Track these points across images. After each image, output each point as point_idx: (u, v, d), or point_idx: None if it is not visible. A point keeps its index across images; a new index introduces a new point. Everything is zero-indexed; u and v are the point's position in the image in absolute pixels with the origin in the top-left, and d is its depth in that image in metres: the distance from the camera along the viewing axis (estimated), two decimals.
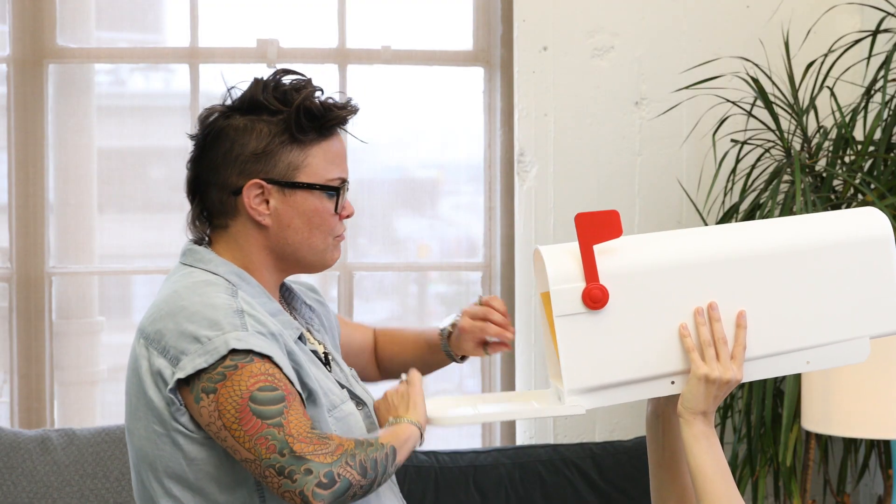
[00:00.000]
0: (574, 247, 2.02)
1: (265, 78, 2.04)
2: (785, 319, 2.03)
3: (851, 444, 3.55)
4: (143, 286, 3.87)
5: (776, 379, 3.37)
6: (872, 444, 3.52)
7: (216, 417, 1.88)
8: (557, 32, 3.73)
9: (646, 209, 3.76)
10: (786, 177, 3.46)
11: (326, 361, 2.11)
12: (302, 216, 2.04)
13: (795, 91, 3.50)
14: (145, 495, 2.00)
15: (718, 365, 1.99)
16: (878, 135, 3.47)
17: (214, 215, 2.06)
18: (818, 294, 2.03)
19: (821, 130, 3.54)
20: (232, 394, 1.87)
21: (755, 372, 2.04)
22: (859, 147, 3.44)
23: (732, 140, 3.61)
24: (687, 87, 3.62)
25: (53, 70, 3.72)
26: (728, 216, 3.50)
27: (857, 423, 2.93)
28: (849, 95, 3.68)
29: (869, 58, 3.48)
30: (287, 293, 2.17)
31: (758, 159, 3.55)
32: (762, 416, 3.35)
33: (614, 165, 3.75)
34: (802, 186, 3.22)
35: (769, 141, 3.56)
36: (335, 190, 2.05)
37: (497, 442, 3.79)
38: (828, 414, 2.97)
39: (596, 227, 1.99)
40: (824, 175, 3.43)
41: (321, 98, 2.04)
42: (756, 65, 3.60)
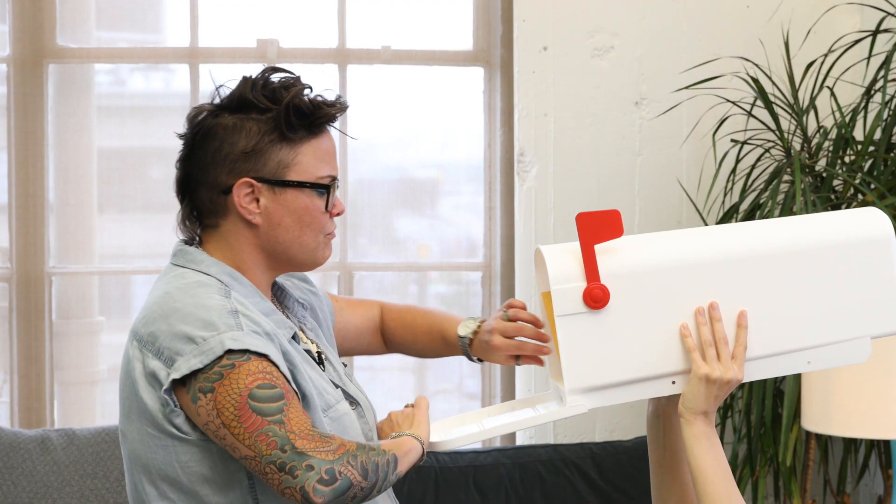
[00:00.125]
0: (575, 246, 2.02)
1: (254, 76, 2.02)
2: (786, 319, 2.02)
3: (851, 444, 3.55)
4: (143, 286, 3.86)
5: (776, 379, 3.37)
6: (872, 444, 3.52)
7: (214, 416, 1.87)
8: (557, 32, 3.73)
9: (646, 209, 3.76)
10: (786, 177, 3.46)
11: (320, 361, 2.10)
12: (292, 214, 2.02)
13: (795, 91, 3.50)
14: (139, 498, 2.00)
15: (719, 365, 1.99)
16: (878, 135, 3.47)
17: (205, 215, 2.04)
18: (819, 294, 2.03)
19: (821, 130, 3.54)
20: (230, 392, 1.86)
21: (756, 372, 2.03)
22: (859, 147, 3.44)
23: (732, 140, 3.61)
24: (687, 87, 3.62)
25: (53, 70, 3.72)
26: (728, 216, 3.50)
27: (857, 423, 2.93)
28: (849, 95, 3.68)
29: (869, 58, 3.48)
30: (279, 292, 2.16)
31: (758, 159, 3.55)
32: (762, 416, 3.35)
33: (614, 165, 3.75)
34: (802, 186, 3.22)
35: (769, 141, 3.56)
36: (325, 188, 2.03)
37: (497, 442, 3.79)
38: (828, 414, 2.97)
39: (597, 227, 1.99)
40: (824, 175, 3.43)
41: (310, 96, 2.02)
42: (756, 65, 3.60)
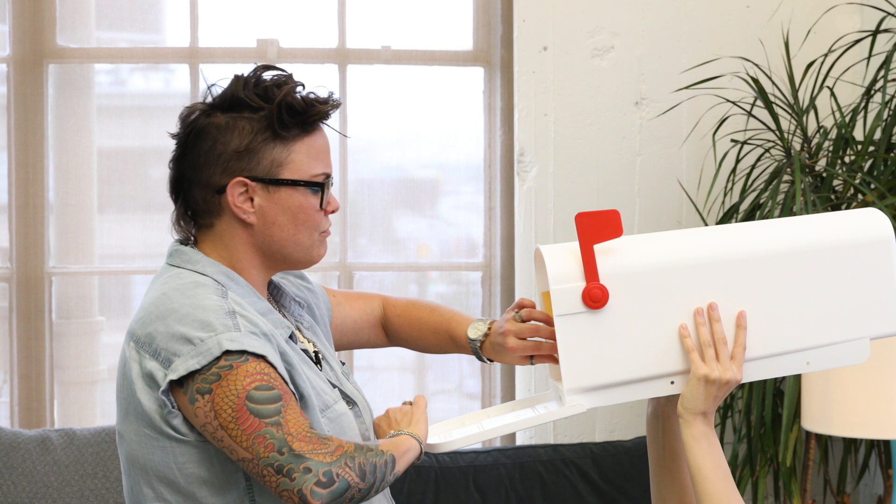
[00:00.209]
0: (575, 246, 2.02)
1: (245, 74, 2.02)
2: (785, 320, 2.02)
3: (851, 444, 3.55)
4: (143, 286, 3.86)
5: (776, 379, 3.37)
6: (872, 444, 3.52)
7: (212, 418, 1.86)
8: (557, 32, 3.73)
9: (646, 209, 3.76)
10: (786, 177, 3.46)
11: (317, 360, 2.10)
12: (287, 213, 2.01)
13: (795, 91, 3.50)
14: (136, 499, 1.99)
15: (718, 365, 1.99)
16: (878, 135, 3.47)
17: (199, 214, 2.04)
18: (818, 295, 2.03)
19: (821, 130, 3.54)
20: (228, 393, 1.86)
21: (755, 372, 2.03)
22: (859, 147, 3.44)
23: (732, 140, 3.61)
24: (687, 87, 3.62)
25: (53, 70, 3.72)
26: (728, 216, 3.50)
27: (857, 423, 2.93)
28: (849, 95, 3.68)
29: (869, 58, 3.48)
30: (275, 291, 2.15)
31: (758, 159, 3.55)
32: (762, 416, 3.35)
33: (614, 165, 3.75)
34: (802, 186, 3.22)
35: (769, 141, 3.56)
36: (319, 186, 2.03)
37: (497, 442, 3.79)
38: (828, 414, 2.97)
39: (596, 227, 1.99)
40: (824, 175, 3.43)
41: (303, 93, 2.01)
42: (756, 65, 3.60)
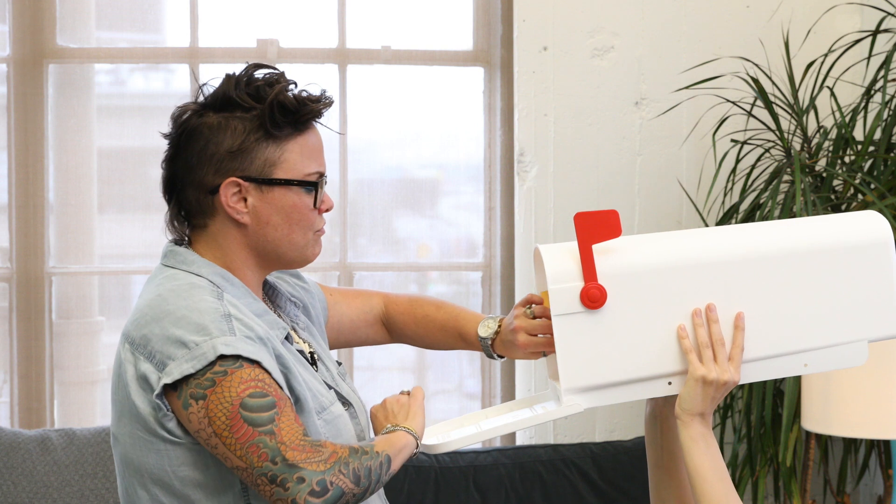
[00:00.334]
0: (573, 246, 2.02)
1: (237, 74, 2.00)
2: (783, 322, 2.02)
3: (851, 444, 3.55)
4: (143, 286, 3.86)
5: (776, 379, 3.36)
6: (872, 444, 3.52)
7: (206, 424, 1.86)
8: (557, 32, 3.73)
9: (646, 209, 3.76)
10: (786, 177, 3.46)
11: (313, 361, 2.09)
12: (281, 213, 2.00)
13: (795, 91, 3.49)
14: (131, 501, 1.98)
15: (716, 366, 1.99)
16: (878, 135, 3.47)
17: (193, 215, 2.02)
18: (817, 297, 2.03)
19: (821, 130, 3.54)
20: (222, 400, 1.85)
21: (753, 374, 2.03)
22: (859, 147, 3.43)
23: (732, 140, 3.61)
24: (687, 87, 3.62)
25: (53, 70, 3.72)
26: (728, 216, 3.50)
27: (857, 423, 2.93)
28: (849, 95, 3.68)
29: (869, 58, 3.48)
30: (271, 291, 2.14)
31: (758, 159, 3.55)
32: (762, 417, 3.35)
33: (614, 165, 3.75)
34: (802, 186, 3.22)
35: (769, 141, 3.56)
36: (313, 185, 2.02)
37: (497, 442, 3.79)
38: (828, 414, 2.97)
39: (595, 227, 1.99)
40: (824, 175, 3.43)
41: (294, 92, 2.00)
42: (756, 65, 3.60)
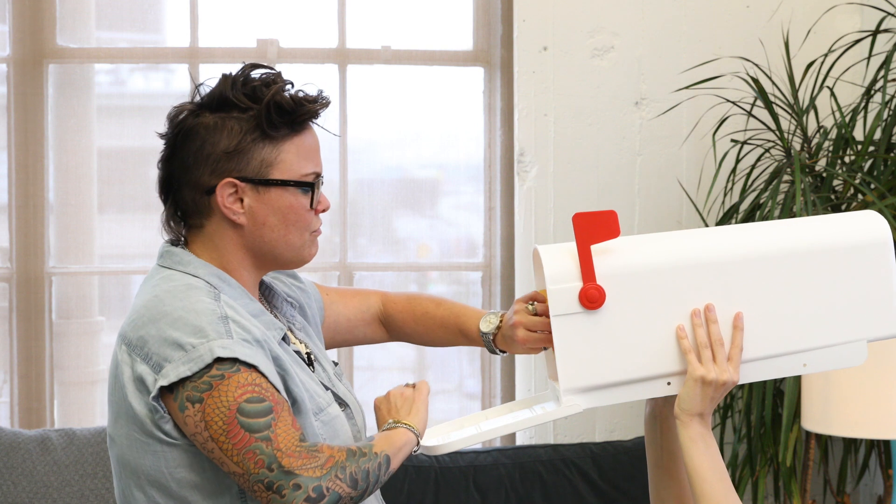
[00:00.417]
0: (572, 247, 2.02)
1: (233, 74, 2.00)
2: (782, 322, 2.02)
3: (851, 444, 3.55)
4: None
5: (776, 379, 3.37)
6: (872, 444, 3.52)
7: (202, 428, 1.85)
8: (557, 32, 3.73)
9: (646, 209, 3.76)
10: (786, 177, 3.46)
11: (310, 362, 2.09)
12: (277, 213, 1.99)
13: (795, 91, 3.49)
14: (127, 503, 1.97)
15: (715, 367, 1.99)
16: (878, 135, 3.47)
17: (189, 215, 2.02)
18: (816, 297, 2.03)
19: (821, 130, 3.54)
20: (219, 405, 1.85)
21: (752, 374, 2.03)
22: (859, 147, 3.43)
23: (732, 140, 3.61)
24: (687, 87, 3.62)
25: (53, 70, 3.72)
26: (728, 216, 3.50)
27: (857, 423, 2.93)
28: (849, 95, 3.68)
29: (869, 58, 3.48)
30: (267, 291, 2.14)
31: (758, 159, 3.55)
32: (762, 416, 3.35)
33: (614, 165, 3.75)
34: (802, 186, 3.22)
35: (769, 141, 3.56)
36: (310, 185, 2.01)
37: (497, 442, 3.79)
38: (828, 414, 2.97)
39: (594, 228, 1.99)
40: (824, 175, 3.43)
41: (291, 92, 1.99)
42: (756, 65, 3.60)
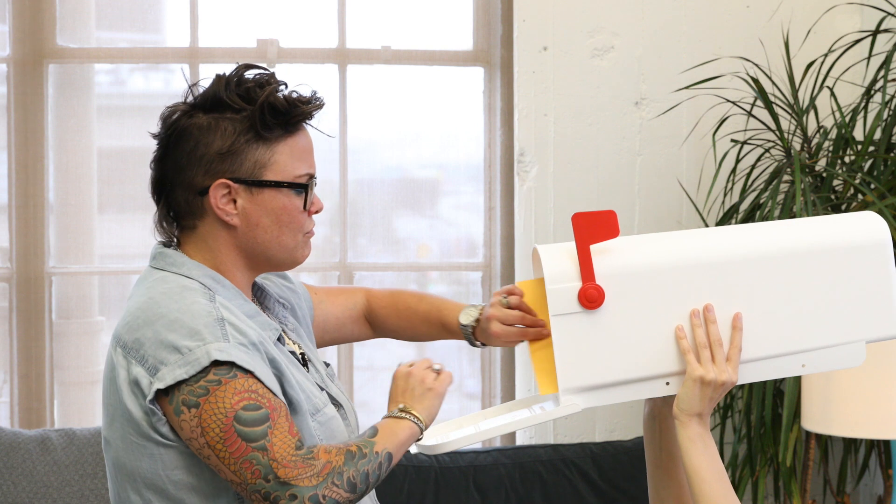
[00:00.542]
0: (572, 246, 2.03)
1: (227, 74, 1.99)
2: (781, 322, 2.02)
3: (851, 444, 3.55)
4: None
5: (776, 379, 3.36)
6: (872, 444, 3.52)
7: (199, 434, 1.85)
8: (557, 32, 3.73)
9: (646, 209, 3.76)
10: (786, 177, 3.46)
11: (304, 363, 2.08)
12: (270, 214, 1.99)
13: (795, 91, 3.49)
14: None
15: (714, 367, 1.99)
16: (878, 135, 3.47)
17: (181, 216, 2.01)
18: (815, 297, 2.03)
19: (821, 130, 3.54)
20: (216, 411, 1.84)
21: (751, 374, 2.03)
22: (859, 147, 3.43)
23: (732, 140, 3.61)
24: (687, 87, 3.62)
25: (53, 70, 3.72)
26: (728, 216, 3.50)
27: (857, 423, 2.93)
28: (849, 95, 3.68)
29: (869, 58, 3.47)
30: (259, 292, 2.13)
31: (758, 159, 3.55)
32: (762, 416, 3.35)
33: (614, 165, 3.75)
34: (802, 186, 3.22)
35: (769, 141, 3.56)
36: (303, 187, 2.01)
37: (497, 442, 3.79)
38: (828, 414, 2.97)
39: (593, 227, 1.99)
40: (824, 175, 3.43)
41: (285, 93, 1.99)
42: (756, 65, 3.60)
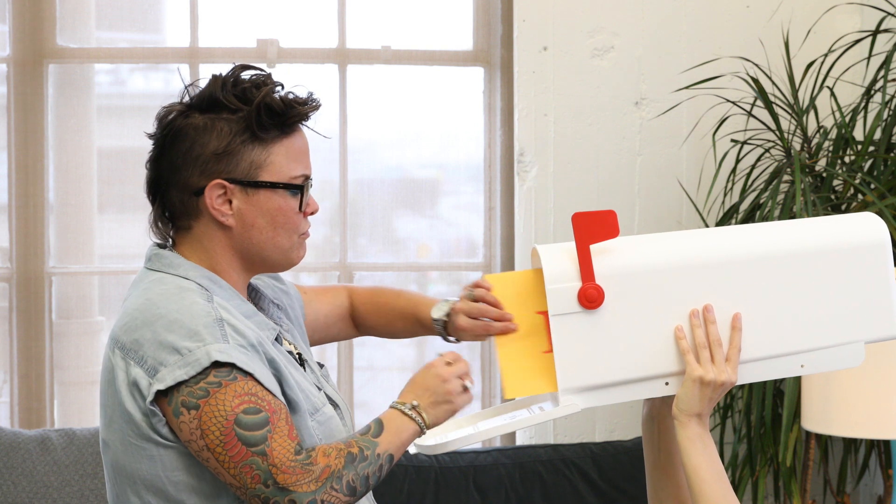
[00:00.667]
0: (571, 246, 2.03)
1: (223, 74, 1.99)
2: (780, 323, 2.03)
3: (851, 444, 3.55)
4: None
5: (776, 379, 3.36)
6: (872, 444, 3.52)
7: (198, 436, 1.85)
8: (557, 32, 3.73)
9: (646, 209, 3.76)
10: (786, 177, 3.46)
11: (301, 363, 2.08)
12: (266, 215, 1.99)
13: (795, 91, 3.49)
14: None
15: (713, 367, 1.99)
16: (878, 135, 3.47)
17: (177, 216, 2.01)
18: (814, 298, 2.03)
19: (821, 130, 3.54)
20: (216, 414, 1.84)
21: (750, 374, 2.03)
22: (859, 147, 3.43)
23: (732, 140, 3.61)
24: (687, 87, 3.62)
25: (53, 70, 3.72)
26: (728, 216, 3.50)
27: (857, 423, 2.93)
28: (849, 95, 3.68)
29: (869, 58, 3.47)
30: (254, 294, 2.13)
31: (758, 159, 3.55)
32: (762, 416, 3.35)
33: (614, 165, 3.75)
34: (802, 186, 3.22)
35: (769, 141, 3.56)
36: (299, 188, 2.00)
37: (497, 442, 3.79)
38: (828, 414, 2.97)
39: (593, 227, 1.99)
40: (824, 175, 3.43)
41: (281, 94, 1.99)
42: (756, 65, 3.60)
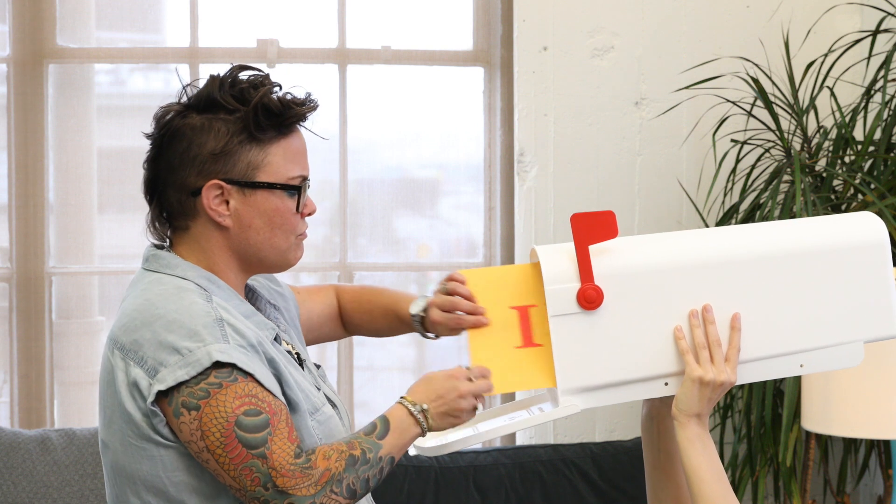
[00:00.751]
0: (570, 247, 2.03)
1: (221, 75, 1.99)
2: (779, 323, 2.03)
3: (851, 444, 3.55)
4: None
5: (776, 379, 3.36)
6: (872, 444, 3.52)
7: (199, 437, 1.85)
8: (557, 32, 3.73)
9: (646, 209, 3.76)
10: (786, 177, 3.46)
11: (300, 362, 2.08)
12: (263, 216, 1.98)
13: (795, 91, 3.49)
14: None
15: (712, 367, 1.99)
16: (878, 135, 3.47)
17: (174, 217, 2.00)
18: (813, 298, 2.03)
19: (821, 130, 3.54)
20: (217, 415, 1.84)
21: (749, 374, 2.04)
22: (859, 147, 3.43)
23: (732, 140, 3.61)
24: (687, 87, 3.62)
25: (53, 70, 3.72)
26: (728, 216, 3.50)
27: (857, 423, 2.93)
28: (849, 95, 3.68)
29: (869, 58, 3.47)
30: (251, 294, 2.13)
31: (758, 159, 3.55)
32: (762, 416, 3.35)
33: (614, 165, 3.75)
34: (802, 186, 3.22)
35: (769, 141, 3.56)
36: (296, 189, 2.00)
37: (497, 442, 3.79)
38: (828, 414, 2.97)
39: (592, 228, 1.99)
40: (824, 175, 3.43)
41: (279, 94, 1.99)
42: (756, 65, 3.60)
